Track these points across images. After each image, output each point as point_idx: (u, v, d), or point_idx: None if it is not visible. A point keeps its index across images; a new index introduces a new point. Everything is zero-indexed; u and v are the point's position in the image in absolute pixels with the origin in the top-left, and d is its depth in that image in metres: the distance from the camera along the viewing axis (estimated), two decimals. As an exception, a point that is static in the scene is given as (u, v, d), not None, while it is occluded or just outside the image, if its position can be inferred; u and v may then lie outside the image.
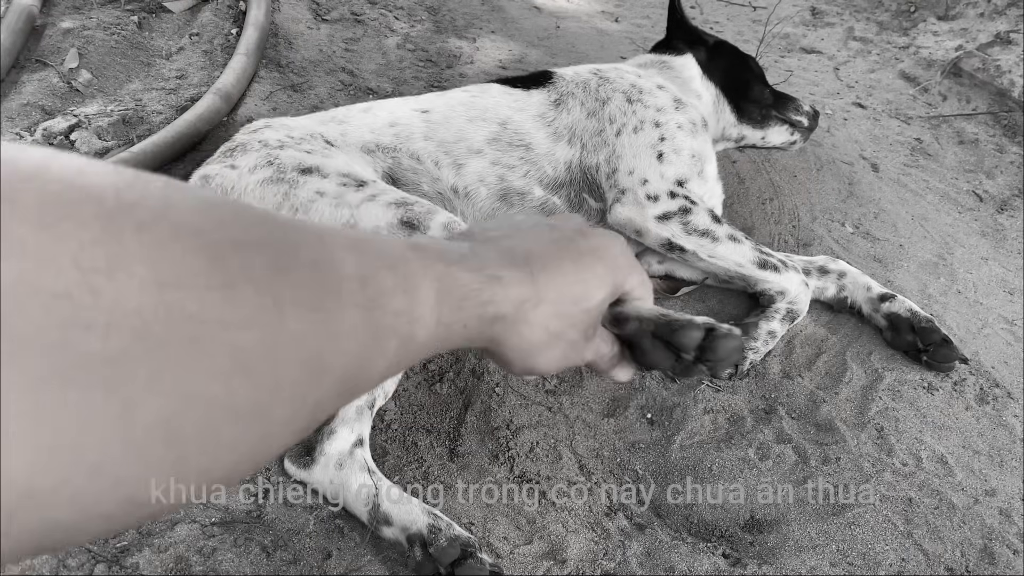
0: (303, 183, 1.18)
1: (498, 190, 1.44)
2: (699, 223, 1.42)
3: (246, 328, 0.28)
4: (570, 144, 1.50)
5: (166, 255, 0.26)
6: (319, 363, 0.33)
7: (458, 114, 1.49)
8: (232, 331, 0.28)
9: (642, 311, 0.59)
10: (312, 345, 0.32)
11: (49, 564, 0.97)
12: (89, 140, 1.69)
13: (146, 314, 0.25)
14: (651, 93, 1.56)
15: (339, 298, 0.35)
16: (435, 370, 1.33)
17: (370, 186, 1.19)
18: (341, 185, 1.19)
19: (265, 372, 0.30)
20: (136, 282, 0.25)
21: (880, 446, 1.29)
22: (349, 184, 1.19)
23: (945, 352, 1.41)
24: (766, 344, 1.41)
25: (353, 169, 1.24)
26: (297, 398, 0.32)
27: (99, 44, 2.00)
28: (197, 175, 1.25)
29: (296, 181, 1.19)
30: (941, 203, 2.08)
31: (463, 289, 0.44)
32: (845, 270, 1.53)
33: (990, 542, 1.18)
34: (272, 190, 1.18)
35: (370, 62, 2.25)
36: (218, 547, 1.02)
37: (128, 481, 0.25)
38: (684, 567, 1.10)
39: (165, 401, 0.26)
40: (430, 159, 1.41)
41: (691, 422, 1.30)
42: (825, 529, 1.16)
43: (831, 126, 2.31)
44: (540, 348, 0.51)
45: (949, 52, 2.70)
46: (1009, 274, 1.83)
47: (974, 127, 2.45)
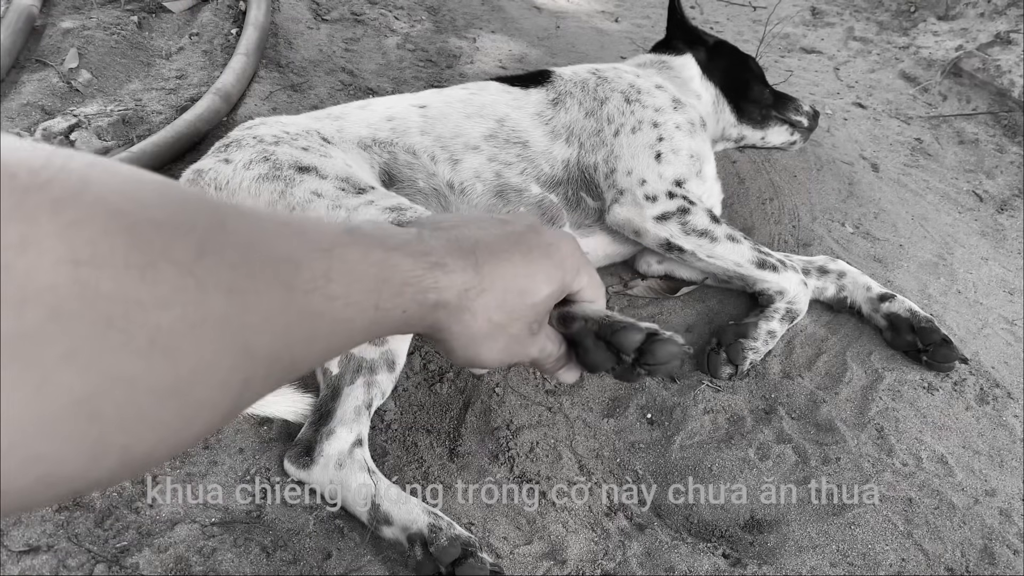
0: (300, 182, 1.17)
1: (494, 186, 1.43)
2: (697, 223, 1.42)
3: (165, 308, 0.28)
4: (568, 143, 1.50)
5: (82, 233, 0.26)
6: (244, 344, 0.33)
7: (455, 110, 1.49)
8: (151, 311, 0.28)
9: (588, 311, 0.59)
10: (236, 326, 0.32)
11: (49, 564, 0.97)
12: (89, 140, 1.69)
13: (60, 291, 0.25)
14: (649, 93, 1.56)
15: (268, 281, 0.35)
16: (435, 370, 1.33)
17: (369, 193, 1.18)
18: (340, 189, 1.18)
19: (187, 352, 0.30)
20: (49, 259, 0.25)
21: (880, 446, 1.29)
22: (348, 189, 1.18)
23: (945, 352, 1.41)
24: (766, 344, 1.41)
25: (352, 173, 1.23)
26: (221, 379, 0.32)
27: (99, 44, 2.00)
28: (190, 170, 1.24)
29: (292, 179, 1.18)
30: (941, 203, 2.08)
31: (404, 275, 0.44)
32: (845, 270, 1.53)
33: (990, 542, 1.18)
34: (268, 187, 1.17)
35: (370, 62, 2.25)
36: (218, 547, 1.02)
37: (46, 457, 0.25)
38: (684, 567, 1.10)
39: (82, 378, 0.26)
40: (426, 154, 1.41)
41: (691, 422, 1.30)
42: (825, 529, 1.16)
43: (831, 126, 2.31)
44: (482, 338, 0.51)
45: (949, 52, 2.70)
46: (1009, 274, 1.83)
47: (974, 127, 2.45)
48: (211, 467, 1.12)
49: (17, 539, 0.99)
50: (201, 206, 0.33)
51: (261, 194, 1.17)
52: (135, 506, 1.05)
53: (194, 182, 1.22)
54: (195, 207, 0.33)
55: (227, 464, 1.13)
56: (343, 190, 1.17)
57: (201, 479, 1.09)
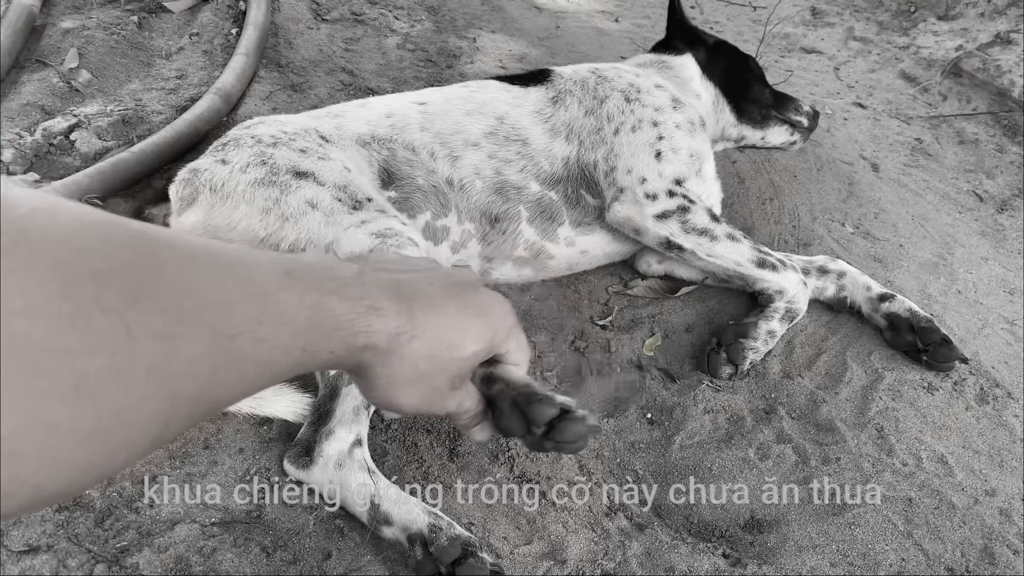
0: (296, 188, 1.17)
1: (494, 184, 1.43)
2: (697, 222, 1.42)
3: (93, 355, 0.30)
4: (567, 141, 1.50)
5: (17, 284, 0.28)
6: (169, 389, 0.34)
7: (455, 107, 1.49)
8: (79, 358, 0.29)
9: (512, 376, 0.60)
10: (162, 372, 0.34)
11: (49, 564, 0.97)
12: (89, 140, 1.69)
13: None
14: (649, 92, 1.56)
15: (197, 325, 0.36)
16: (435, 370, 1.33)
17: (364, 210, 1.18)
18: (336, 200, 1.18)
19: (111, 397, 0.31)
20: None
21: (880, 446, 1.29)
22: (345, 201, 1.18)
23: (945, 352, 1.41)
24: (766, 344, 1.41)
25: (350, 179, 1.23)
26: (143, 421, 0.34)
27: (99, 44, 2.00)
28: (186, 169, 1.24)
29: (288, 186, 1.18)
30: (941, 203, 2.08)
31: (337, 319, 0.45)
32: (844, 270, 1.53)
33: (990, 542, 1.18)
34: (263, 194, 1.17)
35: (370, 62, 2.25)
36: (218, 547, 1.02)
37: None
38: (684, 567, 1.10)
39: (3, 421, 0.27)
40: (426, 150, 1.41)
41: (691, 422, 1.30)
42: (825, 529, 1.16)
43: (831, 126, 2.31)
44: (404, 383, 0.51)
45: (949, 52, 2.70)
46: (1009, 274, 1.83)
47: (974, 127, 2.45)
48: (211, 467, 1.12)
49: (17, 539, 0.99)
50: (141, 249, 0.35)
51: (256, 200, 1.16)
52: (135, 506, 1.05)
53: (189, 182, 1.22)
54: (134, 251, 0.34)
55: (227, 464, 1.13)
56: (339, 200, 1.17)
57: (201, 479, 1.09)
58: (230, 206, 1.17)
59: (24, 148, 1.63)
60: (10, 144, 1.62)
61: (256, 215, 1.17)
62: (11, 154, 1.60)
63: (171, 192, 1.25)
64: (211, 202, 1.19)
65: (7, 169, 1.59)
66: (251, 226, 1.16)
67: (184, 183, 1.23)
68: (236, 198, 1.17)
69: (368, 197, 1.21)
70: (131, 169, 1.57)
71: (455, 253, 1.42)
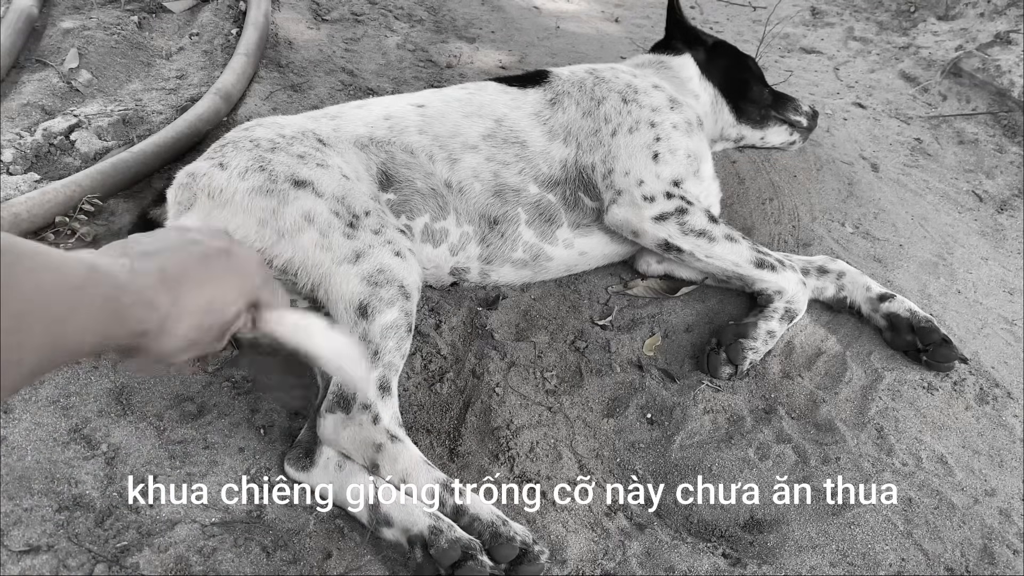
0: (294, 199, 1.17)
1: (493, 186, 1.43)
2: (696, 223, 1.42)
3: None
4: (565, 143, 1.50)
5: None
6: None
7: (453, 109, 1.48)
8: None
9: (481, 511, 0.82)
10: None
11: (49, 564, 0.97)
12: (89, 140, 1.69)
13: None
14: (646, 93, 1.56)
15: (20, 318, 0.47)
16: (435, 370, 1.33)
17: (360, 230, 1.17)
18: (334, 214, 1.17)
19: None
20: None
21: (880, 446, 1.29)
22: (342, 215, 1.18)
23: (944, 352, 1.41)
24: (765, 344, 1.41)
25: (348, 189, 1.22)
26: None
27: (99, 44, 2.00)
28: (183, 172, 1.23)
29: (287, 196, 1.17)
30: (941, 203, 2.08)
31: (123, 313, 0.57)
32: (844, 270, 1.53)
33: (990, 542, 1.18)
34: (260, 203, 1.16)
35: (370, 62, 2.25)
36: (218, 547, 1.02)
37: None
38: (684, 567, 1.10)
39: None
40: (424, 153, 1.41)
41: (691, 422, 1.30)
42: (825, 529, 1.16)
43: (831, 126, 2.31)
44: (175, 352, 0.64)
45: (949, 52, 2.70)
46: (1009, 274, 1.83)
47: (974, 127, 2.45)
48: (211, 467, 1.12)
49: (17, 539, 0.99)
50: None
51: (253, 211, 1.15)
52: (135, 506, 1.05)
53: (187, 186, 1.21)
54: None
55: (227, 464, 1.13)
56: (336, 215, 1.17)
57: (201, 479, 1.10)
58: (228, 214, 1.16)
59: (24, 148, 1.63)
60: (10, 144, 1.62)
61: (253, 226, 1.16)
62: (11, 154, 1.60)
63: (168, 196, 1.24)
64: (208, 208, 1.18)
65: (7, 169, 1.59)
66: (247, 236, 1.15)
67: (182, 187, 1.22)
68: (234, 207, 1.16)
69: (366, 210, 1.21)
70: (131, 169, 1.57)
71: (454, 255, 1.42)
